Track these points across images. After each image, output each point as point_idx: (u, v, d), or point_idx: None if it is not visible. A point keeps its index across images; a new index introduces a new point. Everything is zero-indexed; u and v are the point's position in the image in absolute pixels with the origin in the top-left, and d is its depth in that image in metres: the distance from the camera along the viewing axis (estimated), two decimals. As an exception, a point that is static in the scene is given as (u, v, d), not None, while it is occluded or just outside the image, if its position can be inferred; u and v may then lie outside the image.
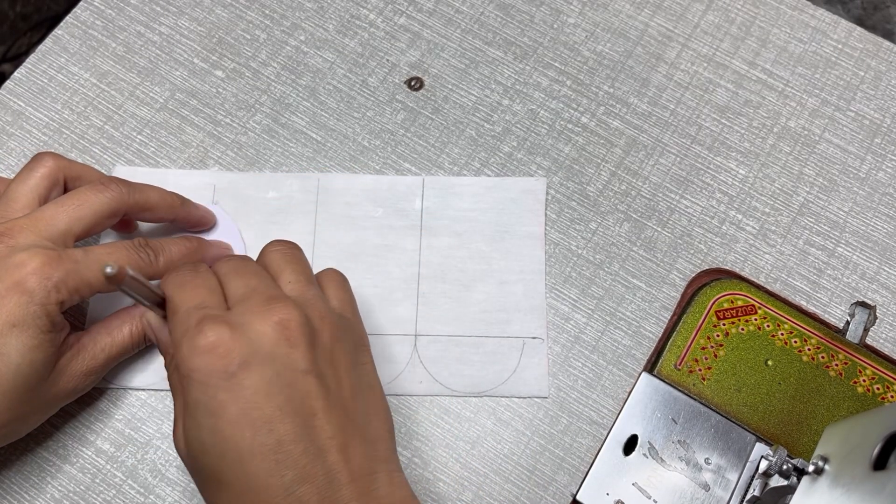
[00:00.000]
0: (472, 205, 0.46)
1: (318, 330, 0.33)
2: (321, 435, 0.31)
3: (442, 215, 0.46)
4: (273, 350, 0.31)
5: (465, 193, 0.46)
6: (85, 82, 0.49)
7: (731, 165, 0.48)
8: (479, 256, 0.45)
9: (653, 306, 0.45)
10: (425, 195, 0.46)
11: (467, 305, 0.44)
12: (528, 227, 0.46)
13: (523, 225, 0.46)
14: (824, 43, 0.51)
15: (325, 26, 0.51)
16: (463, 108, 0.49)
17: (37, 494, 0.40)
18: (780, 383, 0.42)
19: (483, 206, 0.46)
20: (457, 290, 0.44)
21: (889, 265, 0.46)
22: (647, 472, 0.40)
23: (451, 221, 0.46)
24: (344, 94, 0.49)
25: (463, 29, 0.51)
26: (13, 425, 0.36)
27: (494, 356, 0.43)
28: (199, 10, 0.51)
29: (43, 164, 0.39)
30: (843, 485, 0.32)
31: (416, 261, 0.45)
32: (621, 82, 0.50)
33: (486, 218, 0.46)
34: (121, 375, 0.42)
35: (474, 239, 0.45)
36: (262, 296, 0.33)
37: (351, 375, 0.34)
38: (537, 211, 0.46)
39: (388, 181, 0.46)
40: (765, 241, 0.46)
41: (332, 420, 0.31)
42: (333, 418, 0.31)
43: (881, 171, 0.48)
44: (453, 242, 0.45)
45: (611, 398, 0.43)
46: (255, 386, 0.30)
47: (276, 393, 0.31)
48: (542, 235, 0.46)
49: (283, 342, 0.32)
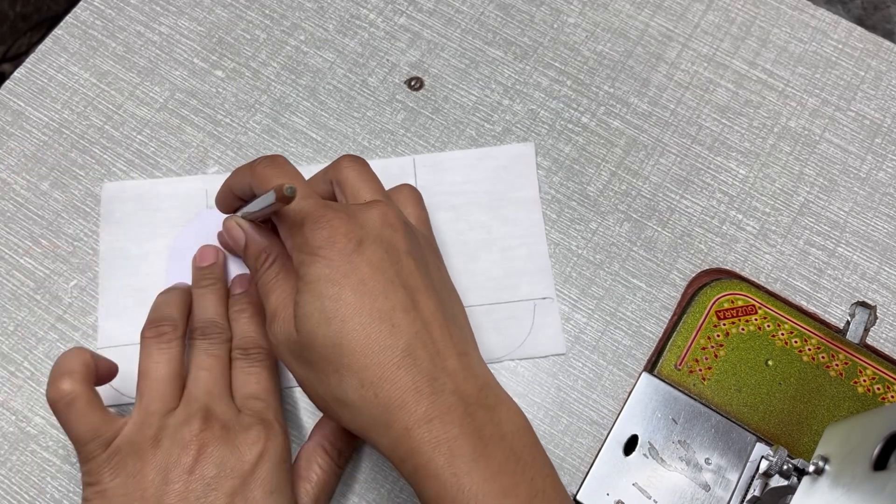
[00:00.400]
0: (465, 177, 0.47)
1: (409, 225, 0.38)
2: (425, 309, 0.35)
3: (437, 191, 0.46)
4: (380, 232, 0.36)
5: (456, 167, 0.47)
6: (85, 82, 0.49)
7: (731, 165, 0.48)
8: (479, 226, 0.46)
9: (653, 306, 0.45)
10: (418, 174, 0.47)
11: (474, 276, 0.45)
12: (522, 192, 0.46)
13: (517, 190, 0.46)
14: (825, 43, 0.51)
15: (325, 26, 0.51)
16: (463, 108, 0.49)
17: (37, 494, 0.40)
18: (781, 383, 0.42)
19: (476, 178, 0.47)
20: (462, 262, 0.45)
21: (889, 265, 0.46)
22: (647, 472, 0.40)
23: (447, 196, 0.46)
24: (344, 94, 0.49)
25: (463, 29, 0.51)
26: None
27: (508, 321, 0.44)
28: (199, 10, 0.51)
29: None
30: (843, 485, 0.32)
31: None
32: (621, 82, 0.50)
33: (481, 188, 0.46)
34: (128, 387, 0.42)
35: (472, 210, 0.46)
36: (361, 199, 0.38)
37: (440, 271, 0.38)
38: (529, 175, 0.47)
39: (380, 164, 0.47)
40: (765, 241, 0.46)
41: (431, 299, 0.35)
42: (432, 299, 0.35)
43: (881, 171, 0.48)
44: (451, 216, 0.46)
45: (611, 398, 0.43)
46: (369, 261, 0.34)
47: (387, 268, 0.35)
48: (537, 198, 0.46)
49: (388, 227, 0.36)
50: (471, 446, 0.32)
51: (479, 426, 0.32)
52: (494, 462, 0.32)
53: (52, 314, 0.44)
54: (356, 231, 0.35)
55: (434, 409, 0.32)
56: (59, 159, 0.47)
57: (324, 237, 0.35)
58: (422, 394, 0.32)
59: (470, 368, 0.34)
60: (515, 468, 0.32)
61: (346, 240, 0.35)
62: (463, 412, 0.32)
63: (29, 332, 0.43)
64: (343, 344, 0.33)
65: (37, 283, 0.44)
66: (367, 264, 0.34)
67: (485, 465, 0.31)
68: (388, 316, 0.34)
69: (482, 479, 0.31)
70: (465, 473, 0.31)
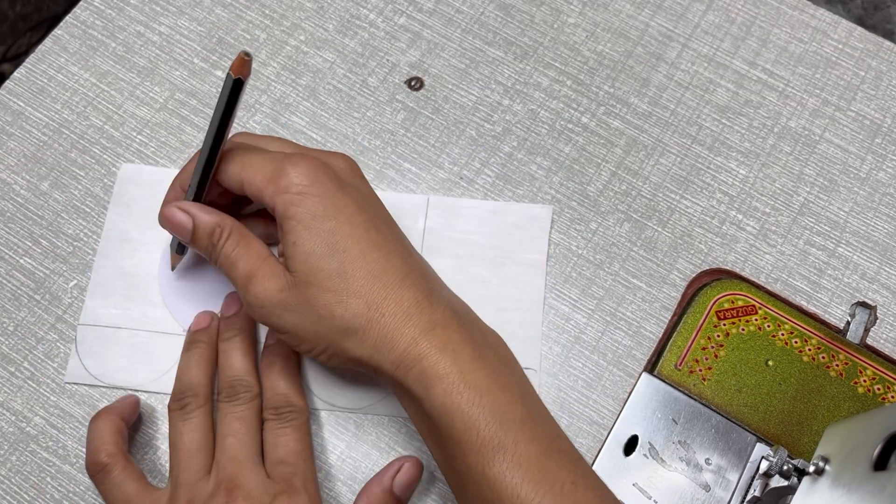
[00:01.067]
0: (475, 227, 0.46)
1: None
2: (406, 243, 0.38)
3: (444, 236, 0.45)
4: (352, 178, 0.39)
5: (468, 216, 0.46)
6: (85, 82, 0.49)
7: (731, 165, 0.48)
8: (479, 281, 0.45)
9: (653, 306, 0.45)
10: (429, 214, 0.46)
11: None
12: (530, 255, 0.45)
13: (525, 252, 0.45)
14: (825, 43, 0.51)
15: (325, 26, 0.51)
16: (463, 108, 0.49)
17: (37, 494, 0.40)
18: (781, 384, 0.42)
19: (486, 230, 0.46)
20: None
21: (889, 265, 0.46)
22: (647, 472, 0.40)
23: (453, 243, 0.45)
24: (344, 94, 0.49)
25: (463, 29, 0.51)
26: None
27: None
28: (199, 10, 0.51)
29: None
30: (843, 485, 0.32)
31: None
32: (622, 82, 0.50)
33: (489, 242, 0.45)
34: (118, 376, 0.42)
35: (474, 262, 0.45)
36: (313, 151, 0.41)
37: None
38: (541, 239, 0.46)
39: (393, 198, 0.46)
40: (765, 241, 0.46)
41: (404, 239, 0.38)
42: (405, 239, 0.38)
43: (882, 171, 0.48)
44: (453, 265, 0.45)
45: (611, 398, 0.43)
46: (354, 200, 0.37)
47: (369, 207, 0.38)
48: (543, 264, 0.45)
49: (356, 175, 0.39)
50: (470, 349, 0.35)
51: (472, 333, 0.36)
52: (489, 363, 0.35)
53: (52, 314, 0.44)
54: (331, 172, 0.37)
55: (435, 318, 0.35)
56: (59, 159, 0.47)
57: (310, 177, 0.36)
58: (422, 306, 0.35)
59: (450, 291, 0.38)
60: (505, 370, 0.36)
61: (330, 180, 0.37)
62: (458, 321, 0.36)
63: (29, 332, 0.43)
64: (348, 271, 0.35)
65: (37, 283, 0.44)
66: (352, 201, 0.37)
67: (483, 365, 0.34)
68: (381, 245, 0.36)
69: (484, 376, 0.34)
70: (470, 371, 0.34)
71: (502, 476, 0.32)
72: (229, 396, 0.39)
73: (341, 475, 0.41)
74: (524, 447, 0.33)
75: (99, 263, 0.44)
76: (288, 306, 0.36)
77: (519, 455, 0.32)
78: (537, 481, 0.32)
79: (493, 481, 0.32)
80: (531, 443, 0.33)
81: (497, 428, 0.33)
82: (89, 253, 0.45)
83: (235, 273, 0.37)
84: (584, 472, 0.34)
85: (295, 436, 0.39)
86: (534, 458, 0.33)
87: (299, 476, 0.37)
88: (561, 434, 0.35)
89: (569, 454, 0.34)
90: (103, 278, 0.44)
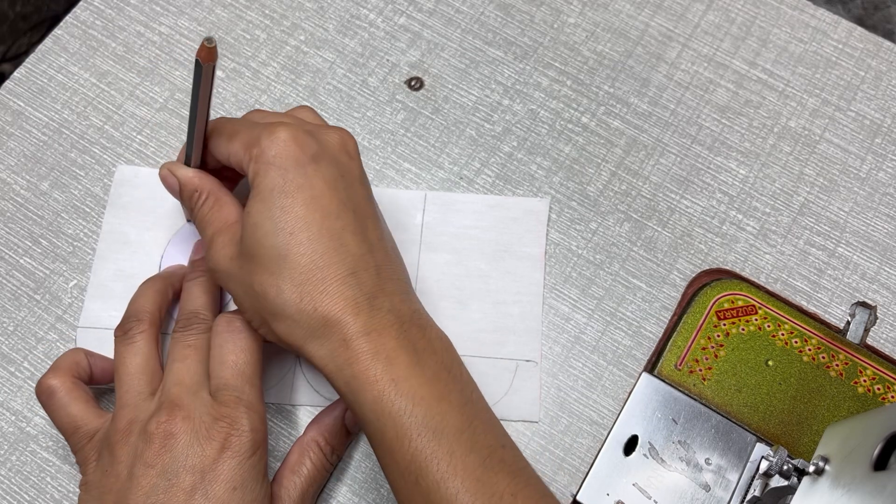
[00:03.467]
0: (473, 222, 0.46)
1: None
2: (372, 236, 0.36)
3: (442, 231, 0.45)
4: (337, 155, 0.37)
5: (466, 210, 0.46)
6: (85, 82, 0.49)
7: (731, 165, 0.48)
8: (477, 275, 0.45)
9: (653, 306, 0.45)
10: (426, 210, 0.46)
11: (462, 324, 0.43)
12: (528, 248, 0.45)
13: (523, 245, 0.45)
14: (825, 43, 0.51)
15: (325, 26, 0.51)
16: (463, 108, 0.49)
17: (36, 495, 0.40)
18: (781, 383, 0.42)
19: (484, 224, 0.46)
20: (452, 308, 0.44)
21: (889, 265, 0.46)
22: (647, 472, 0.40)
23: (451, 238, 0.45)
24: (344, 94, 0.49)
25: (463, 29, 0.51)
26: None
27: (486, 377, 0.42)
28: (199, 10, 0.51)
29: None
30: (843, 485, 0.32)
31: (413, 275, 0.44)
32: (621, 82, 0.50)
33: (487, 236, 0.45)
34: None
35: (473, 257, 0.45)
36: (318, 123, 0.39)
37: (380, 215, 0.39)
38: (539, 232, 0.46)
39: (389, 194, 0.46)
40: (765, 241, 0.46)
41: (377, 228, 0.37)
42: (378, 228, 0.37)
43: (881, 171, 0.48)
44: (452, 259, 0.45)
45: (611, 398, 0.43)
46: (324, 179, 0.35)
47: (341, 189, 0.36)
48: (542, 257, 0.45)
49: (345, 153, 0.37)
50: (407, 356, 0.34)
51: (413, 340, 0.34)
52: (428, 370, 0.34)
53: (52, 314, 0.44)
54: (312, 145, 0.36)
55: (372, 323, 0.34)
56: (59, 159, 0.47)
57: (279, 147, 0.35)
58: (360, 309, 0.34)
59: (406, 293, 0.36)
60: (447, 378, 0.34)
61: (302, 152, 0.35)
62: (399, 328, 0.34)
63: (29, 332, 0.43)
64: (288, 256, 0.34)
65: (37, 283, 0.44)
66: (322, 180, 0.35)
67: (420, 373, 0.33)
68: (337, 235, 0.35)
69: (419, 384, 0.33)
70: (404, 379, 0.33)
71: (436, 486, 0.32)
72: (183, 327, 0.39)
73: (341, 475, 0.41)
74: (460, 458, 0.32)
75: (98, 266, 0.44)
76: (231, 276, 0.36)
77: (455, 465, 0.32)
78: (474, 492, 0.32)
79: (427, 492, 0.32)
80: (469, 453, 0.32)
81: (430, 438, 0.32)
82: (89, 253, 0.45)
83: (205, 234, 0.38)
84: (527, 481, 0.33)
85: (242, 357, 0.37)
86: (470, 469, 0.32)
87: (242, 401, 0.36)
88: (506, 443, 0.34)
89: (512, 464, 0.33)
90: (102, 281, 0.44)
